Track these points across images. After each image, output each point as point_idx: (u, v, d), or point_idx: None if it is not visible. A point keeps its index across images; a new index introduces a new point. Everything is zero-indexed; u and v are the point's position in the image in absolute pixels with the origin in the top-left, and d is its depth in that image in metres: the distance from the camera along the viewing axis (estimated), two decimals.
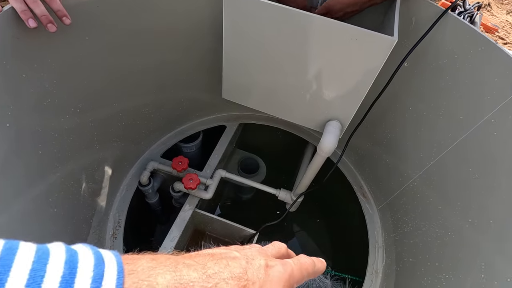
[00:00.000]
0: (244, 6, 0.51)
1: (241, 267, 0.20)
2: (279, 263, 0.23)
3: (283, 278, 0.22)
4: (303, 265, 0.25)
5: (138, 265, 0.17)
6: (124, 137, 0.78)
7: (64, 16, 0.44)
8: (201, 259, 0.20)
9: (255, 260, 0.22)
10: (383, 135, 0.80)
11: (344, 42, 0.49)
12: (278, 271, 0.22)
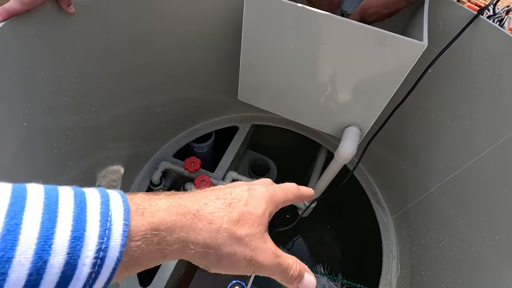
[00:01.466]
0: (266, 7, 0.50)
1: (225, 192, 0.23)
2: (262, 185, 0.25)
3: (265, 195, 0.24)
4: (286, 187, 0.27)
5: (137, 196, 0.19)
6: (137, 135, 0.77)
7: (71, 5, 0.44)
8: (190, 193, 0.22)
9: (238, 187, 0.24)
10: (401, 143, 0.77)
11: (370, 46, 0.47)
12: (260, 190, 0.24)
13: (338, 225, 1.15)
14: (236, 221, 0.21)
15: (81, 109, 0.54)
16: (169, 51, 0.69)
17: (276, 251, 0.22)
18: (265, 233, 0.23)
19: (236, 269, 0.21)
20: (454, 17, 0.57)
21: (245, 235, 0.21)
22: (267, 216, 0.23)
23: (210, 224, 0.20)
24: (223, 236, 0.20)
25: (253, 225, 0.22)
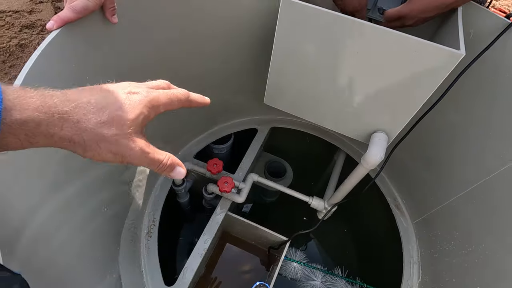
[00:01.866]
0: (301, 14, 0.51)
1: (102, 96, 0.25)
2: (145, 90, 0.28)
3: (143, 100, 0.27)
4: (173, 93, 0.30)
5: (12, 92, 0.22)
6: (161, 137, 0.79)
7: (115, 15, 0.46)
8: (64, 93, 0.24)
9: (120, 90, 0.26)
10: (424, 149, 0.77)
11: (405, 54, 0.48)
12: (141, 95, 0.27)
13: (356, 229, 1.15)
14: (104, 123, 0.24)
15: None
16: (198, 54, 0.70)
17: (144, 149, 0.27)
18: (136, 134, 0.26)
19: (103, 159, 0.26)
20: (485, 24, 0.57)
21: (112, 135, 0.25)
22: (141, 119, 0.27)
23: (77, 123, 0.23)
24: (89, 134, 0.24)
25: (123, 127, 0.25)
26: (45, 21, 1.11)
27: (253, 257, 1.02)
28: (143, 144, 0.27)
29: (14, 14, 1.10)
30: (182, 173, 0.30)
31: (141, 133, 0.27)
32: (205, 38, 0.68)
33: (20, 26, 1.07)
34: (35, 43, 1.05)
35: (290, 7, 0.51)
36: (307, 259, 0.92)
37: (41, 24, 1.11)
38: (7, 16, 1.09)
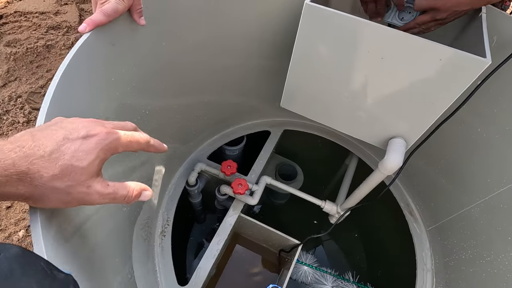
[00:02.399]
0: (322, 18, 0.51)
1: (56, 144, 0.25)
2: (105, 131, 0.28)
3: (100, 143, 0.27)
4: (134, 136, 0.30)
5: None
6: (177, 138, 0.79)
7: (142, 16, 0.47)
8: (22, 141, 0.24)
9: (75, 134, 0.26)
10: (441, 156, 0.76)
11: (427, 60, 0.47)
12: (99, 137, 0.27)
13: (367, 234, 1.14)
14: (55, 176, 0.25)
15: (138, 112, 0.57)
16: (220, 56, 0.71)
17: (102, 191, 0.27)
18: (91, 179, 0.27)
19: (54, 207, 0.27)
20: (509, 31, 0.56)
21: (65, 187, 0.25)
22: (95, 165, 0.27)
23: (30, 182, 0.24)
24: (40, 189, 0.25)
25: (75, 176, 0.26)
26: (70, 22, 1.13)
27: (263, 259, 1.02)
28: (100, 187, 0.27)
29: (41, 15, 1.13)
30: (149, 195, 0.32)
31: (97, 175, 0.28)
32: (225, 41, 0.69)
33: (46, 27, 1.10)
34: (60, 44, 1.07)
35: (313, 11, 0.51)
36: (317, 263, 0.92)
37: (66, 25, 1.13)
38: (34, 17, 1.12)
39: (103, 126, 0.28)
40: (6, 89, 0.95)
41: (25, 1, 1.18)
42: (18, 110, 0.89)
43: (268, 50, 0.77)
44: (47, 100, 0.31)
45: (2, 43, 1.03)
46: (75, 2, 1.22)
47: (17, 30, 1.08)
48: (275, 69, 0.83)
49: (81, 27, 0.38)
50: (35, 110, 0.91)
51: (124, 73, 0.48)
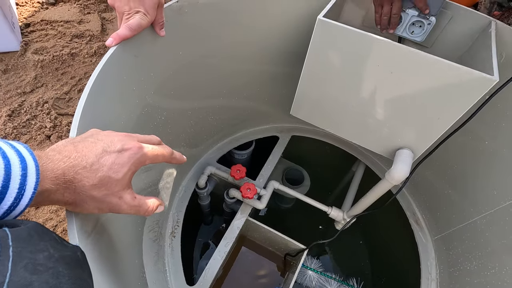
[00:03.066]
0: (336, 33, 0.52)
1: (96, 156, 0.28)
2: (137, 146, 0.30)
3: (133, 157, 0.30)
4: (160, 150, 0.33)
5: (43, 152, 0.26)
6: (189, 142, 0.82)
7: (163, 28, 0.50)
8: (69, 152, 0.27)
9: (112, 148, 0.29)
10: (447, 166, 0.77)
11: (436, 76, 0.49)
12: (132, 151, 0.30)
13: (372, 241, 1.15)
14: (95, 185, 0.27)
15: (155, 118, 0.59)
16: (232, 61, 0.73)
17: (131, 202, 0.31)
18: (123, 190, 0.30)
19: (89, 212, 0.30)
20: None
21: (102, 195, 0.28)
22: (127, 177, 0.30)
23: (74, 189, 0.27)
24: (81, 196, 0.27)
25: (111, 187, 0.28)
26: (93, 31, 1.17)
27: (269, 262, 1.04)
28: (129, 199, 0.30)
29: (65, 24, 1.17)
30: (162, 209, 0.36)
31: (128, 187, 0.31)
32: (237, 47, 0.71)
33: (70, 36, 1.15)
34: (84, 52, 1.12)
35: (325, 26, 0.53)
36: (322, 268, 0.93)
37: (89, 34, 1.18)
38: (59, 25, 1.16)
39: (135, 140, 0.31)
40: (34, 95, 0.99)
41: (51, 10, 1.23)
42: (45, 116, 0.93)
43: (280, 57, 0.79)
44: (79, 110, 0.34)
45: (30, 50, 1.08)
46: (97, 11, 1.27)
47: (44, 38, 1.13)
48: (286, 76, 0.85)
49: (108, 41, 0.41)
50: (60, 116, 0.95)
51: (144, 82, 0.51)
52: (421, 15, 0.64)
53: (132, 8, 0.43)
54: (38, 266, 0.20)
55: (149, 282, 0.69)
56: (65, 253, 0.23)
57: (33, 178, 0.23)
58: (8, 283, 0.18)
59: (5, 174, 0.22)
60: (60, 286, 0.21)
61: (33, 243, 0.21)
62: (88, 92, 0.36)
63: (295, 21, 0.71)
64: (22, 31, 1.15)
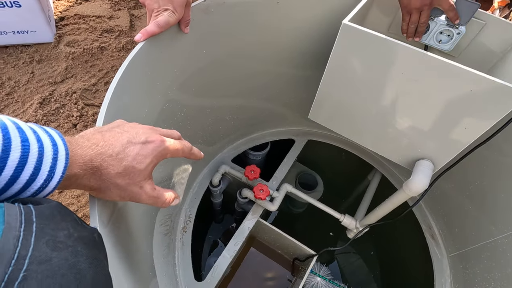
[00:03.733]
0: (359, 37, 0.52)
1: (122, 146, 0.29)
2: (160, 139, 0.31)
3: (156, 150, 0.31)
4: (181, 147, 0.34)
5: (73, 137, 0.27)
6: (205, 140, 0.83)
7: (188, 26, 0.51)
8: (97, 140, 0.28)
9: (137, 139, 0.30)
10: (470, 181, 0.74)
11: (463, 86, 0.47)
12: (155, 144, 0.31)
13: (384, 252, 1.12)
14: (119, 174, 0.28)
15: (175, 114, 0.61)
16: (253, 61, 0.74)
17: (150, 193, 0.32)
18: (145, 180, 0.31)
19: (111, 199, 0.31)
20: None
21: (125, 184, 0.29)
22: (150, 168, 0.31)
23: (100, 176, 0.28)
24: (105, 183, 0.29)
25: (134, 176, 0.29)
26: (122, 26, 1.22)
27: (277, 265, 1.03)
28: (149, 189, 0.32)
29: (97, 19, 1.23)
30: (177, 202, 0.37)
31: (149, 178, 0.32)
32: (259, 48, 0.72)
33: (101, 30, 1.21)
34: (112, 47, 1.17)
35: (350, 31, 0.53)
36: (331, 275, 0.92)
37: (118, 29, 1.23)
38: (91, 20, 1.23)
39: (158, 134, 0.32)
40: (64, 85, 1.05)
41: (84, 5, 1.29)
42: (73, 105, 0.98)
43: (301, 60, 0.79)
44: (106, 101, 0.36)
45: (63, 42, 1.15)
46: (127, 8, 1.32)
47: (76, 31, 1.19)
48: (305, 79, 0.85)
49: (137, 36, 0.42)
50: (87, 106, 1.00)
51: (167, 77, 0.52)
52: (450, 24, 0.62)
53: (161, 6, 0.45)
54: (58, 244, 0.21)
55: (158, 274, 0.70)
56: (84, 233, 0.24)
57: (63, 163, 0.24)
58: (30, 257, 0.19)
59: (39, 156, 0.23)
60: (78, 264, 0.22)
61: (55, 221, 0.22)
62: (115, 85, 0.37)
63: (318, 25, 0.71)
64: (56, 24, 1.21)
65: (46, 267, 0.19)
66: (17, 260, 0.18)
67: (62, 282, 0.20)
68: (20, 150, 0.22)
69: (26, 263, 0.19)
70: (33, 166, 0.23)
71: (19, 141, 0.22)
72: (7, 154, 0.21)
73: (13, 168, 0.22)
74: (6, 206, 0.20)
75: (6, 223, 0.19)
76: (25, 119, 0.95)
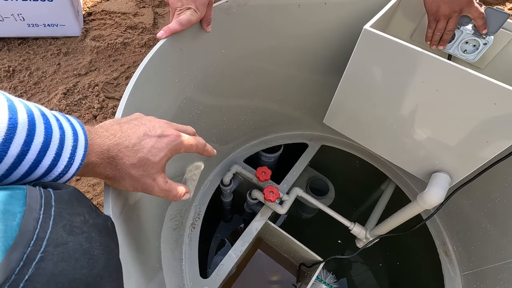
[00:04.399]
0: (380, 44, 0.51)
1: (138, 138, 0.30)
2: (175, 134, 0.32)
3: (171, 144, 0.32)
4: (195, 143, 0.35)
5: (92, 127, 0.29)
6: (219, 138, 0.84)
7: (209, 25, 0.52)
8: (115, 131, 0.29)
9: (153, 132, 0.31)
10: (488, 198, 0.71)
11: (486, 98, 0.46)
12: (170, 138, 0.32)
13: (393, 265, 1.09)
14: (134, 165, 0.29)
15: (191, 111, 0.62)
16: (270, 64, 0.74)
17: (162, 186, 0.32)
18: (157, 173, 0.31)
19: (124, 189, 0.32)
20: None
21: (138, 175, 0.30)
22: (163, 161, 0.32)
23: (116, 166, 0.29)
24: (120, 173, 0.29)
25: (147, 168, 0.30)
26: (145, 24, 1.26)
27: (282, 269, 1.02)
28: (162, 182, 0.32)
29: (122, 15, 1.28)
30: (188, 197, 0.37)
31: (162, 171, 0.33)
32: (277, 51, 0.72)
33: (125, 26, 1.26)
34: (135, 43, 1.21)
35: (370, 36, 0.52)
36: (337, 284, 0.90)
37: (142, 26, 1.28)
38: (116, 16, 1.27)
39: (173, 128, 0.33)
40: (87, 77, 1.09)
41: (111, 2, 1.34)
42: (94, 97, 1.02)
43: (318, 64, 0.79)
44: (126, 95, 0.37)
45: (89, 37, 1.20)
46: (152, 6, 1.36)
47: (102, 27, 1.24)
48: (322, 84, 0.85)
49: (159, 33, 0.43)
50: (108, 99, 1.04)
51: (186, 75, 0.53)
52: (477, 34, 0.60)
53: (184, 5, 0.46)
54: (74, 228, 0.22)
55: (165, 267, 0.71)
56: (98, 220, 0.25)
57: (82, 151, 0.25)
58: (47, 239, 0.20)
59: (60, 143, 0.24)
60: (91, 250, 0.22)
61: (72, 206, 0.23)
62: (136, 80, 0.38)
63: (338, 29, 0.71)
64: (84, 19, 1.26)
65: (62, 250, 0.20)
66: (36, 241, 0.19)
67: (76, 266, 0.21)
68: (43, 136, 0.23)
69: (44, 244, 0.19)
70: (54, 152, 0.24)
71: (43, 127, 0.23)
72: (32, 138, 0.22)
73: (36, 152, 0.23)
74: (28, 188, 0.21)
75: (28, 205, 0.20)
76: (49, 108, 0.99)
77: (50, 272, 0.19)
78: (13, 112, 0.21)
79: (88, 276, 0.21)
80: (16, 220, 0.19)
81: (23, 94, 1.02)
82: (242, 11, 0.58)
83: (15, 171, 0.22)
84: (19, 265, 0.18)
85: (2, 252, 0.18)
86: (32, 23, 1.11)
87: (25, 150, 0.22)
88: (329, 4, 0.66)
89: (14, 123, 0.21)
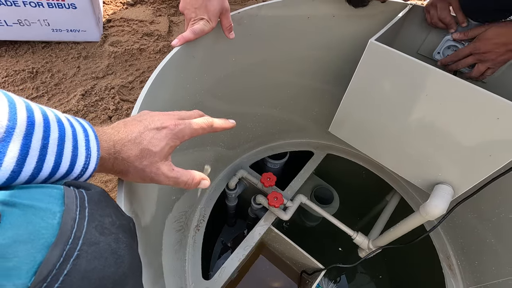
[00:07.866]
0: (385, 57, 0.53)
1: (138, 132, 0.32)
2: (174, 123, 0.33)
3: (169, 134, 0.33)
4: (197, 123, 0.35)
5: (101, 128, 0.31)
6: (226, 144, 0.86)
7: (231, 31, 0.55)
8: (118, 128, 0.32)
9: (152, 125, 0.32)
10: (493, 212, 0.71)
11: (490, 113, 0.46)
12: (168, 129, 0.33)
13: (395, 277, 1.08)
14: (137, 156, 0.31)
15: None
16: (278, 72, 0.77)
17: (168, 174, 0.33)
18: (161, 162, 0.33)
19: (133, 181, 0.34)
20: None
21: (142, 166, 0.32)
22: (166, 150, 0.33)
23: (121, 160, 0.31)
24: (125, 166, 0.31)
25: (150, 158, 0.32)
26: (161, 31, 1.32)
27: (284, 276, 1.03)
28: (166, 170, 0.33)
29: (139, 23, 1.35)
30: (207, 184, 0.37)
31: (166, 159, 0.34)
32: (286, 60, 0.75)
33: (142, 33, 1.33)
34: (151, 49, 1.28)
35: (376, 49, 0.54)
36: None
37: (157, 33, 1.35)
38: (134, 24, 1.34)
39: (173, 119, 0.35)
40: (104, 80, 1.15)
41: (129, 10, 1.41)
42: (110, 99, 1.07)
43: (325, 74, 0.81)
44: (140, 98, 0.39)
45: (108, 42, 1.26)
46: (167, 14, 1.42)
47: (120, 33, 1.31)
48: (328, 93, 0.86)
49: (174, 41, 0.46)
50: (123, 101, 1.09)
51: (197, 81, 0.56)
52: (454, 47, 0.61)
53: (198, 15, 0.49)
54: (104, 229, 0.24)
55: (168, 268, 0.73)
56: (123, 222, 0.27)
57: (95, 144, 0.28)
58: (83, 238, 0.22)
59: (73, 138, 0.26)
60: (119, 251, 0.24)
61: (101, 208, 0.25)
62: (150, 84, 0.41)
63: (345, 41, 0.73)
64: (104, 25, 1.33)
65: (95, 249, 0.22)
66: (73, 240, 0.21)
67: (105, 264, 0.22)
68: (58, 132, 0.25)
69: (80, 243, 0.21)
70: (71, 144, 0.26)
71: (56, 125, 0.25)
72: (48, 134, 0.24)
73: (55, 145, 0.25)
74: (65, 189, 0.23)
75: (66, 205, 0.22)
76: (68, 108, 1.04)
77: (84, 269, 0.21)
78: (30, 112, 0.23)
79: (115, 274, 0.23)
80: (56, 219, 0.21)
81: (44, 94, 1.08)
82: (253, 22, 0.61)
83: (43, 164, 0.24)
84: (59, 260, 0.20)
85: (46, 248, 0.20)
86: (56, 28, 1.18)
87: (45, 143, 0.24)
88: (337, 16, 0.68)
89: (32, 120, 0.23)
